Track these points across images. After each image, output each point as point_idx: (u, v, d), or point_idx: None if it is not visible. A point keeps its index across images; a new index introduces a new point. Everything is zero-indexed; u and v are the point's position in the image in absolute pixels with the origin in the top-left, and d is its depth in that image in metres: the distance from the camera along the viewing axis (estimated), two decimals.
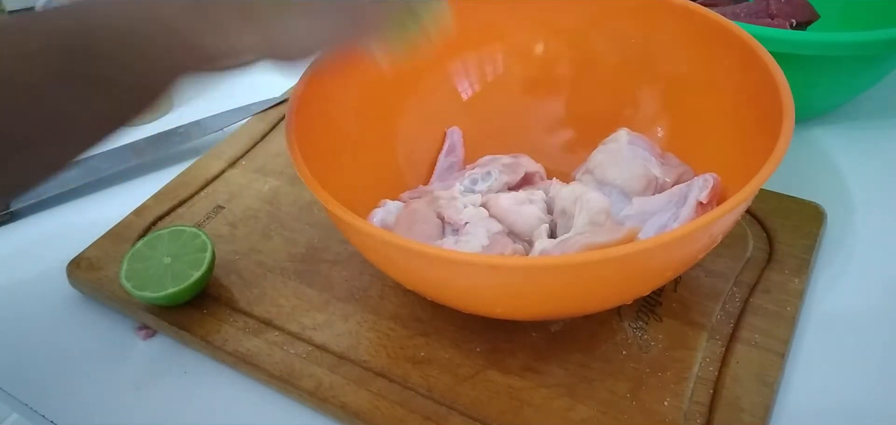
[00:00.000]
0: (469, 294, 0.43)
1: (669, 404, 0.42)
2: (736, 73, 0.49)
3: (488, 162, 0.55)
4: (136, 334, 0.52)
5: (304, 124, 0.47)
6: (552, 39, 0.59)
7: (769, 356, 0.44)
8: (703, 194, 0.47)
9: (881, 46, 0.54)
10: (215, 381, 0.48)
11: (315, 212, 0.58)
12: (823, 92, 0.62)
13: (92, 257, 0.55)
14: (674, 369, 0.44)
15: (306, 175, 0.42)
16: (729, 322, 0.47)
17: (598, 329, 0.47)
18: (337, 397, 0.44)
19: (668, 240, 0.37)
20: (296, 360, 0.47)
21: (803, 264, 0.50)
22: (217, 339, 0.48)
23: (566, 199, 0.49)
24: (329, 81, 0.51)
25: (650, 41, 0.55)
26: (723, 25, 0.50)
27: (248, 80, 0.80)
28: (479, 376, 0.45)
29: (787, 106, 0.43)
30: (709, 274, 0.49)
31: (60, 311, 0.54)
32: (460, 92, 0.60)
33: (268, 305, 0.51)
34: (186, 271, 0.50)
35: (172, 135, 0.70)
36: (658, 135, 0.55)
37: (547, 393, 0.44)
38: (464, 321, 0.48)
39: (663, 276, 0.43)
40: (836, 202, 0.56)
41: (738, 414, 0.41)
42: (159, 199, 0.61)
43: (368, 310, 0.50)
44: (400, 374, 0.45)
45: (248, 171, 0.64)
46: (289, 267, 0.53)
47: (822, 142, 0.63)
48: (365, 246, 0.43)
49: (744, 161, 0.44)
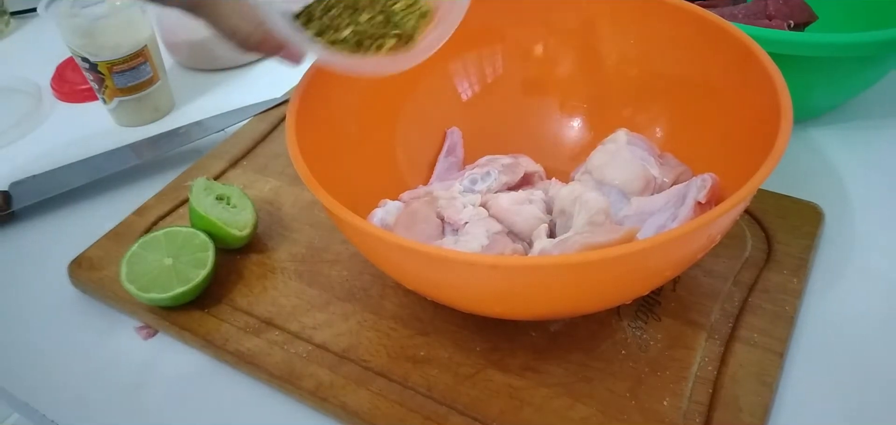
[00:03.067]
0: (469, 294, 0.43)
1: (668, 403, 0.43)
2: (734, 73, 0.50)
3: (488, 162, 0.55)
4: (136, 334, 0.52)
5: (305, 125, 0.47)
6: (552, 39, 0.59)
7: (768, 355, 0.44)
8: (702, 194, 0.47)
9: (879, 47, 0.55)
10: (215, 381, 0.48)
11: (315, 212, 0.58)
12: (821, 93, 0.62)
13: (93, 257, 0.56)
14: (673, 368, 0.44)
15: (307, 175, 0.42)
16: (728, 321, 0.47)
17: (598, 328, 0.47)
18: (337, 397, 0.45)
19: (667, 240, 0.37)
20: (296, 360, 0.47)
21: (802, 264, 0.50)
22: (217, 339, 0.49)
23: (565, 199, 0.49)
24: (330, 82, 0.52)
25: (649, 42, 0.56)
26: (721, 26, 0.50)
27: (250, 81, 0.81)
28: (479, 376, 0.45)
29: (785, 106, 0.43)
30: (707, 273, 0.50)
31: (61, 311, 0.54)
32: (460, 92, 0.60)
33: (268, 305, 0.51)
34: (191, 271, 0.50)
35: (174, 136, 0.70)
36: (657, 136, 0.55)
37: (547, 392, 0.44)
38: (464, 321, 0.48)
39: (662, 276, 0.43)
40: (834, 202, 0.56)
41: (737, 414, 0.42)
42: (161, 199, 0.61)
43: (368, 310, 0.50)
44: (400, 374, 0.46)
45: (249, 171, 0.64)
46: (289, 267, 0.54)
47: (821, 143, 0.63)
48: (365, 246, 0.43)
49: (742, 161, 0.44)
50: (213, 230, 0.52)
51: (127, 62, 0.70)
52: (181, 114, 0.76)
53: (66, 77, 0.82)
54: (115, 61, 0.70)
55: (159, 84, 0.74)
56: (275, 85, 0.77)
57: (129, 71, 0.71)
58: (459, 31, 0.46)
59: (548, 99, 0.60)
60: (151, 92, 0.74)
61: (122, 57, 0.70)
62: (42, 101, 0.80)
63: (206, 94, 0.79)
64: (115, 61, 0.70)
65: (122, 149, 0.69)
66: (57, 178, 0.66)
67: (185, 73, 0.83)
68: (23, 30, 0.99)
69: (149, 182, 0.65)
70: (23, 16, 1.00)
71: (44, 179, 0.66)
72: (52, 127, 0.77)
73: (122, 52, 0.70)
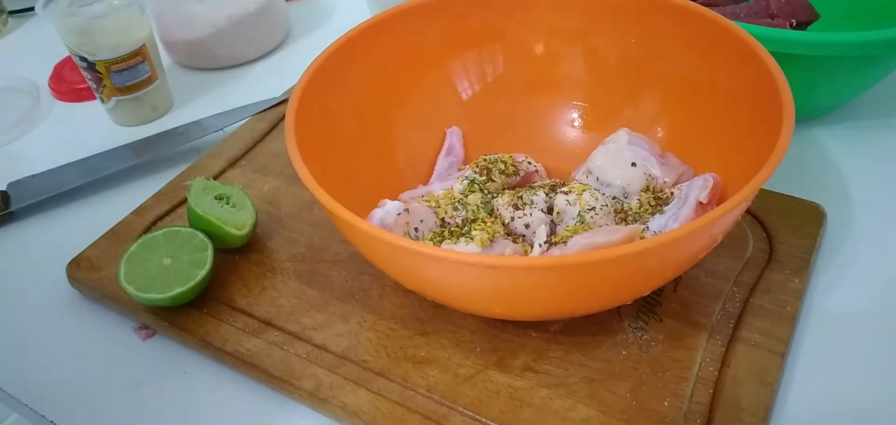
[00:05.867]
0: (469, 294, 0.43)
1: (669, 404, 0.42)
2: (736, 72, 0.49)
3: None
4: (135, 334, 0.52)
5: (304, 124, 0.47)
6: (552, 39, 0.59)
7: (769, 356, 0.44)
8: (704, 194, 0.47)
9: (881, 46, 0.54)
10: (215, 381, 0.48)
11: (315, 212, 0.58)
12: (823, 92, 0.62)
13: (92, 257, 0.55)
14: (674, 369, 0.44)
15: (306, 175, 0.42)
16: (729, 322, 0.47)
17: (599, 329, 0.47)
18: (337, 397, 0.44)
19: (668, 240, 0.37)
20: (296, 360, 0.47)
21: (803, 264, 0.50)
22: (217, 339, 0.48)
23: (566, 199, 0.49)
24: (329, 81, 0.52)
25: (650, 41, 0.55)
26: (723, 25, 0.50)
27: (249, 80, 0.80)
28: (479, 376, 0.45)
29: (787, 106, 0.43)
30: (709, 274, 0.49)
31: (60, 311, 0.54)
32: (460, 91, 0.60)
33: (268, 305, 0.51)
34: (190, 270, 0.50)
35: (172, 135, 0.70)
36: (658, 135, 0.55)
37: (547, 393, 0.44)
38: (464, 321, 0.48)
39: (663, 276, 0.43)
40: (836, 202, 0.55)
41: (738, 414, 0.41)
42: (159, 199, 0.61)
43: (368, 310, 0.50)
44: (400, 374, 0.45)
45: (248, 171, 0.64)
46: (289, 267, 0.53)
47: (823, 142, 0.63)
48: (365, 246, 0.43)
49: (744, 161, 0.44)
50: (211, 229, 0.52)
51: (125, 61, 0.70)
52: (180, 113, 0.76)
53: (64, 76, 0.82)
54: (113, 60, 0.70)
55: (158, 83, 0.74)
56: (274, 84, 0.76)
57: (127, 70, 0.71)
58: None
59: (548, 98, 0.60)
60: (150, 91, 0.73)
61: (120, 56, 0.70)
62: (40, 101, 0.80)
63: (204, 93, 0.79)
64: (114, 60, 0.70)
65: (121, 148, 0.69)
66: (55, 178, 0.65)
67: (183, 73, 0.83)
68: (21, 29, 0.99)
69: (147, 182, 0.65)
70: (21, 15, 1.00)
71: (42, 179, 0.65)
72: (50, 126, 0.77)
73: (121, 51, 0.69)
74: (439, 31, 0.58)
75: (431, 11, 0.57)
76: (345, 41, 0.53)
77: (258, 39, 0.83)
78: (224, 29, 0.79)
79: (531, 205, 0.49)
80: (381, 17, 0.55)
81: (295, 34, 0.88)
